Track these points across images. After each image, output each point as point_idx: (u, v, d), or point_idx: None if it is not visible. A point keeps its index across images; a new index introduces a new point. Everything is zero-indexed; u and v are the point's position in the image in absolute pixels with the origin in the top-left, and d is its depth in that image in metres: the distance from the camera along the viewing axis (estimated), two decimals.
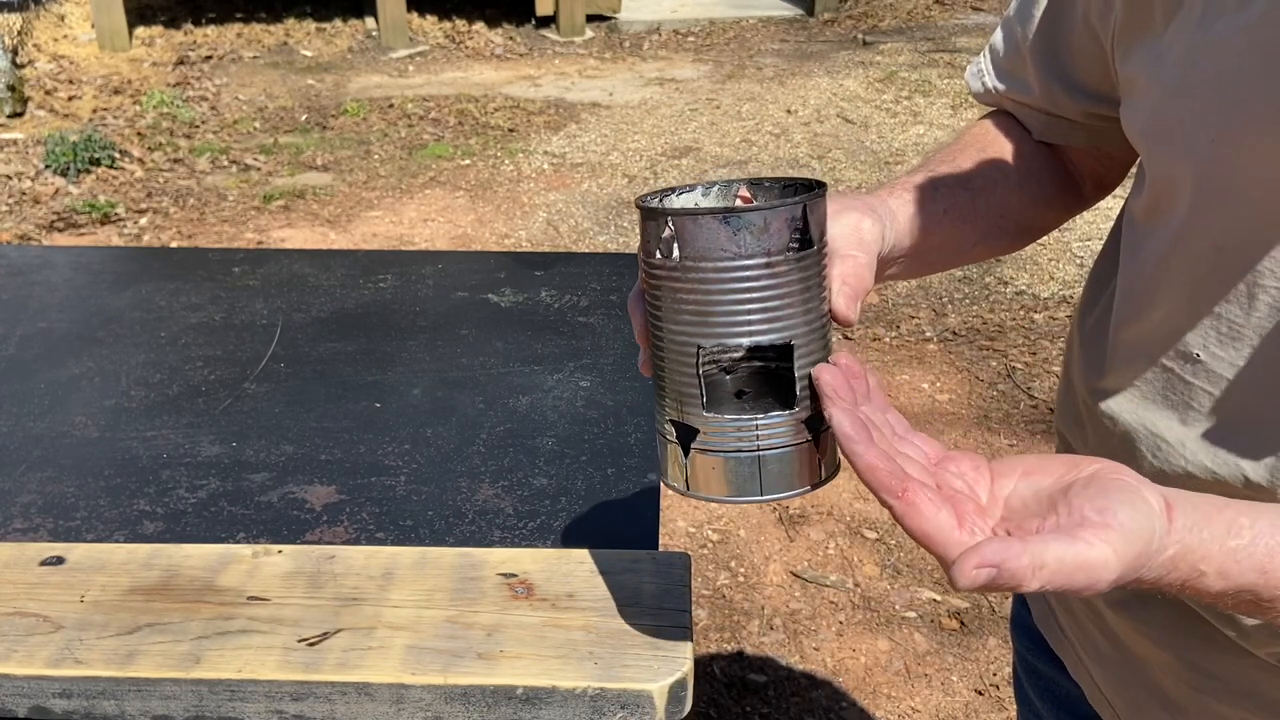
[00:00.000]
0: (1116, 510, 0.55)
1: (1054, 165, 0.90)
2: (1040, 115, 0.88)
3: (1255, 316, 0.65)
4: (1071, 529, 0.54)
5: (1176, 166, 0.68)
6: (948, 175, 0.85)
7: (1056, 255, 4.08)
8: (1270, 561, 0.57)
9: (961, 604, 2.43)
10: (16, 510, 0.98)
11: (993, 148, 0.88)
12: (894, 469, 0.57)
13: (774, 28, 7.50)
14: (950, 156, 0.88)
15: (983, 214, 0.85)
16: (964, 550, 0.53)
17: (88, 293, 1.41)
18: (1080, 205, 0.93)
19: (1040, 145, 0.90)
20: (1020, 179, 0.88)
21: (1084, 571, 0.53)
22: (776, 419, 0.65)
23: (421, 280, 1.45)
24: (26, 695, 0.78)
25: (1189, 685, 0.77)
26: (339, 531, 0.96)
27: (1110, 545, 0.54)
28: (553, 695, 0.77)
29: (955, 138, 0.93)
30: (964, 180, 0.85)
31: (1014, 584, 0.53)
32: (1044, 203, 0.90)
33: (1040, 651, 0.97)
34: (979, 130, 0.91)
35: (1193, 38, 0.66)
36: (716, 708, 2.18)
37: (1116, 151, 0.88)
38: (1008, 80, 0.89)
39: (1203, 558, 0.57)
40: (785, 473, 0.67)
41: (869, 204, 0.75)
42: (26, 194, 4.56)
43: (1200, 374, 0.68)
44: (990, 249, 0.89)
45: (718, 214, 0.61)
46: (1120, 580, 0.55)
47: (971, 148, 0.89)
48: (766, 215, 0.61)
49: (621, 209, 4.54)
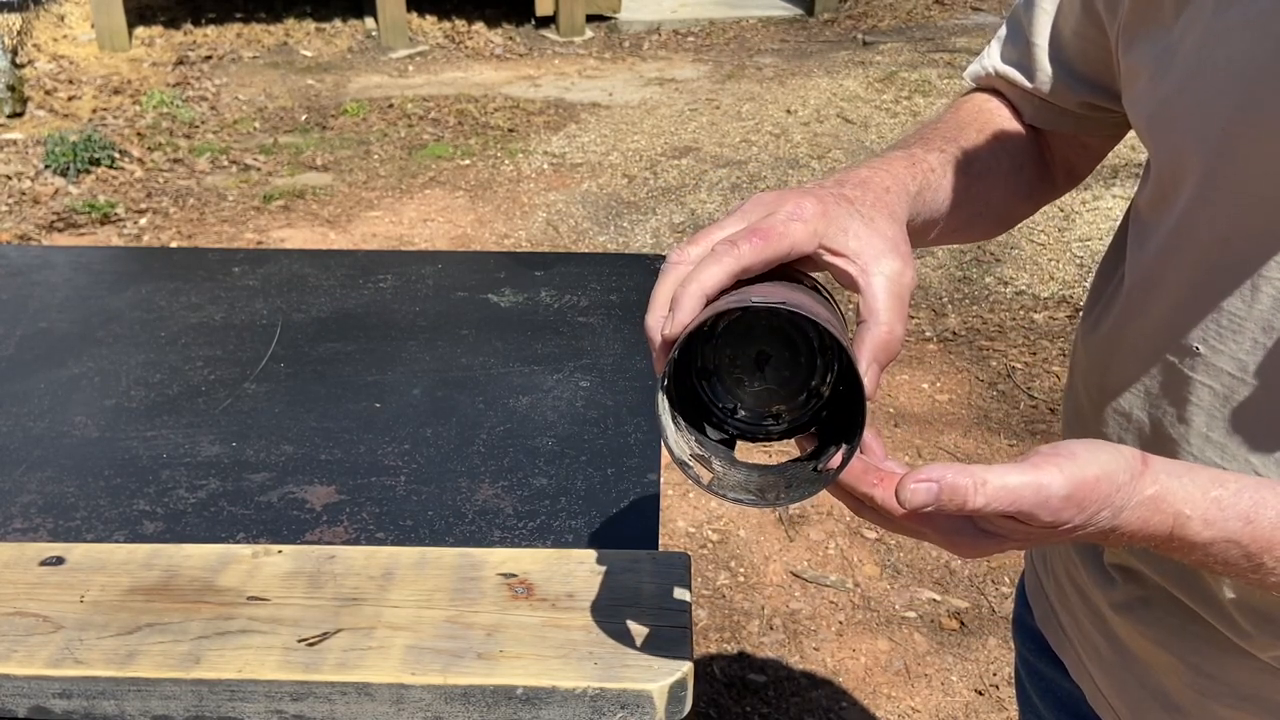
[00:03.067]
0: (1072, 446, 0.57)
1: (1035, 154, 0.90)
2: (1034, 99, 0.88)
3: (1258, 309, 0.65)
4: (1021, 460, 0.56)
5: (1185, 155, 0.68)
6: (954, 158, 0.81)
7: (1056, 255, 4.08)
8: (1255, 511, 0.57)
9: (961, 604, 2.43)
10: (16, 510, 0.98)
11: (991, 132, 0.87)
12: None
13: (774, 28, 7.50)
14: (954, 134, 0.84)
15: (972, 201, 0.82)
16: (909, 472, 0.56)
17: (88, 293, 1.41)
18: (1051, 195, 0.93)
19: (1028, 133, 0.90)
20: (1009, 170, 0.87)
21: (1030, 489, 0.54)
22: (797, 468, 0.65)
23: (421, 280, 1.45)
24: (26, 695, 0.78)
25: (1191, 688, 0.77)
26: (339, 531, 0.96)
27: (1058, 468, 0.55)
28: (553, 695, 0.76)
29: (953, 108, 0.90)
30: (965, 165, 0.82)
31: (958, 499, 0.54)
32: (1023, 195, 0.90)
33: (1042, 653, 0.97)
34: (977, 109, 0.89)
35: (1207, 26, 0.66)
36: (716, 708, 2.18)
37: (1094, 142, 0.89)
38: (1010, 65, 0.89)
39: (1185, 500, 0.57)
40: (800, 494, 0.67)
41: (903, 227, 0.69)
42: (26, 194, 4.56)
43: (1200, 368, 0.68)
44: (958, 237, 0.86)
45: (758, 499, 0.61)
46: (1083, 506, 0.55)
47: (972, 128, 0.86)
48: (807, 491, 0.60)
49: (622, 209, 4.54)
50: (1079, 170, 0.93)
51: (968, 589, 2.48)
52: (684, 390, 0.66)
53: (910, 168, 0.74)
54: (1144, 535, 0.58)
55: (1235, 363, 0.66)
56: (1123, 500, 0.56)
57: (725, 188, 4.72)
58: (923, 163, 0.76)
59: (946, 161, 0.79)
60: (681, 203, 4.58)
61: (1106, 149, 0.91)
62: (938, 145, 0.81)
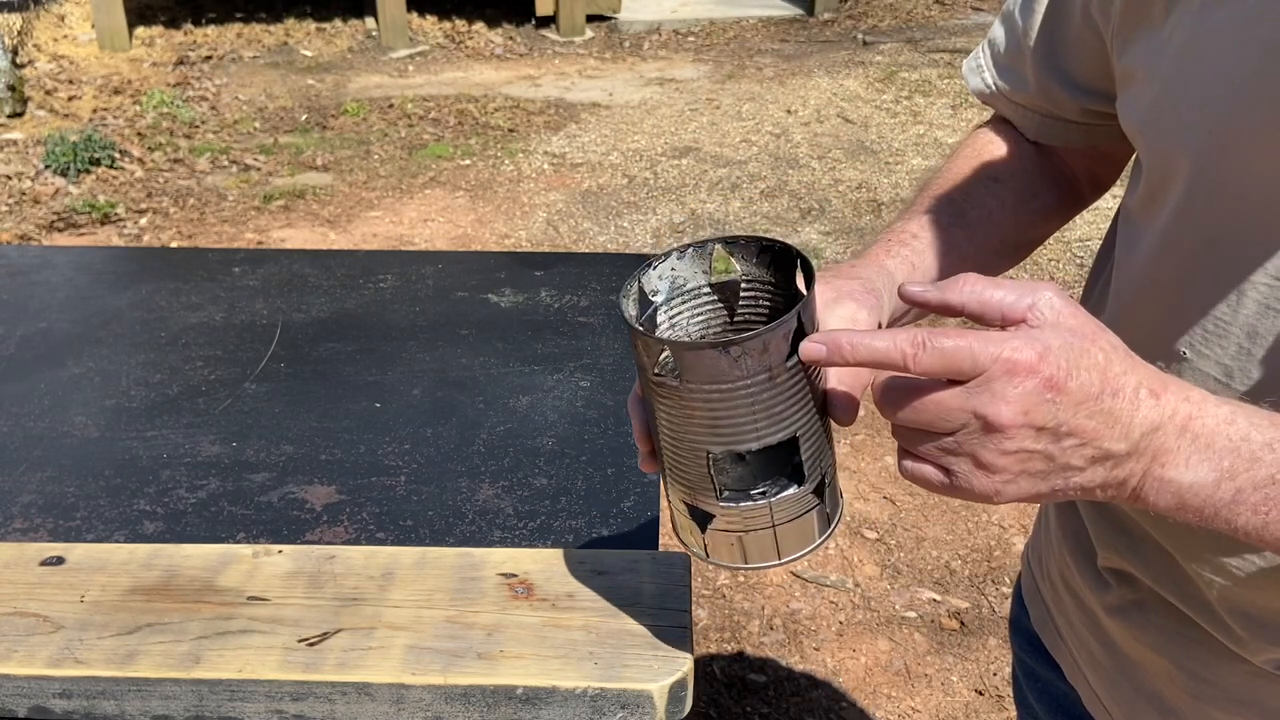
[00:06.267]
0: None
1: (1051, 174, 0.90)
2: (1036, 115, 0.88)
3: (1243, 314, 0.64)
4: None
5: (1173, 158, 0.68)
6: (944, 215, 0.84)
7: (1056, 255, 4.08)
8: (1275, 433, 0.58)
9: (961, 604, 2.43)
10: (16, 510, 0.98)
11: (989, 171, 0.88)
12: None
13: (774, 28, 7.50)
14: (945, 187, 0.87)
15: (979, 247, 0.85)
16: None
17: (88, 293, 1.41)
18: (1079, 206, 0.93)
19: (1037, 154, 0.90)
20: (1017, 202, 0.88)
21: (1002, 287, 0.58)
22: (788, 496, 0.66)
23: (421, 280, 1.45)
24: (26, 695, 0.78)
25: (1186, 692, 0.77)
26: (339, 531, 0.96)
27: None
28: (553, 695, 0.77)
29: (952, 156, 0.92)
30: (959, 215, 0.85)
31: (940, 297, 0.59)
32: (1042, 217, 0.90)
33: (1038, 655, 0.97)
34: (975, 150, 0.91)
35: (1193, 28, 0.66)
36: (716, 708, 2.18)
37: (1112, 149, 0.88)
38: (1006, 75, 0.89)
39: (1200, 410, 0.58)
40: (799, 536, 0.68)
41: (865, 281, 0.74)
42: (26, 194, 4.56)
43: (1186, 373, 0.68)
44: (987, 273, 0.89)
45: (718, 346, 0.60)
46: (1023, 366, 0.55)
47: (966, 174, 0.88)
48: (765, 339, 0.60)
49: (622, 209, 4.54)
50: (1104, 179, 0.93)
51: (968, 589, 2.48)
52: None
53: (886, 248, 0.82)
54: (1155, 431, 0.57)
55: (1220, 368, 0.66)
56: (1130, 371, 0.58)
57: (725, 188, 4.72)
58: (901, 234, 0.83)
59: (934, 221, 0.84)
60: (681, 203, 4.58)
61: (1128, 154, 0.89)
62: (921, 210, 0.86)
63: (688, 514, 0.69)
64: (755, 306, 0.70)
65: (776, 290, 0.69)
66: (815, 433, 0.65)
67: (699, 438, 0.64)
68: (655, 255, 0.70)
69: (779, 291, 0.69)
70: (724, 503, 0.66)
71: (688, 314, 0.71)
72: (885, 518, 2.69)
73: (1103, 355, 0.57)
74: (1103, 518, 0.81)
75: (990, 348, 0.55)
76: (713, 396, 0.61)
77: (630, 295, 0.66)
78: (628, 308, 0.66)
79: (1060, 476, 0.57)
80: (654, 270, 0.69)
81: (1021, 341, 0.55)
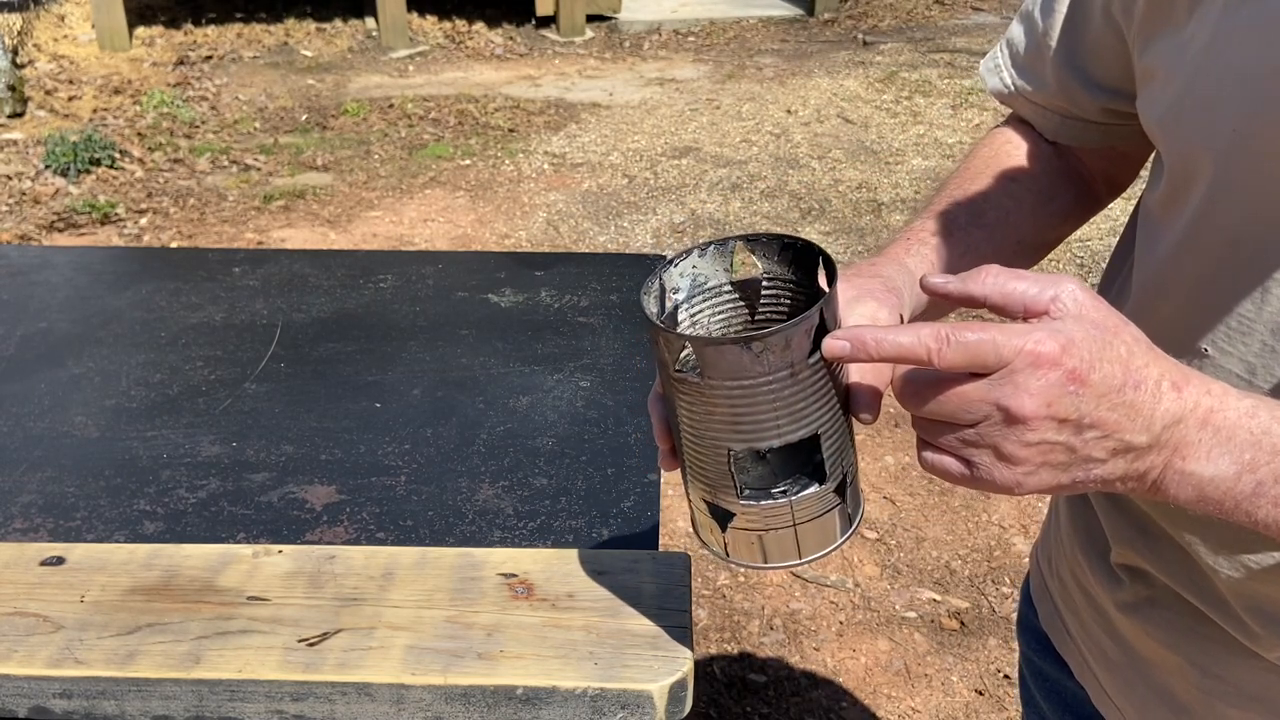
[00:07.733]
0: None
1: (1069, 175, 0.90)
2: (1055, 115, 0.88)
3: (1268, 311, 0.64)
4: None
5: (1195, 157, 0.68)
6: (962, 214, 0.85)
7: (1057, 255, 4.08)
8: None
9: (961, 604, 2.43)
10: (16, 510, 0.98)
11: (1007, 172, 0.88)
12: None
13: (774, 28, 7.50)
14: (963, 187, 0.87)
15: (998, 247, 0.85)
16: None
17: (88, 293, 1.41)
18: (1096, 208, 0.93)
19: (1055, 155, 0.90)
20: (1035, 203, 0.88)
21: (1024, 279, 0.58)
22: (809, 495, 0.66)
23: (421, 280, 1.45)
24: (26, 695, 0.78)
25: (1198, 688, 0.77)
26: (339, 531, 0.96)
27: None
28: (553, 695, 0.77)
29: (970, 156, 0.92)
30: (977, 215, 0.85)
31: (962, 289, 0.60)
32: (1059, 219, 0.90)
33: (1046, 653, 0.97)
34: (993, 150, 0.91)
35: (1216, 27, 0.66)
36: (716, 708, 2.18)
37: (1130, 149, 0.88)
38: (1025, 75, 0.88)
39: (1221, 404, 0.58)
40: (820, 536, 0.68)
41: (885, 279, 0.74)
42: (26, 194, 4.56)
43: (1209, 370, 0.68)
44: None
45: (740, 341, 0.60)
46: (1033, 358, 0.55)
47: (984, 174, 0.88)
48: (788, 334, 0.60)
49: (622, 209, 4.54)
50: (1120, 180, 0.93)
51: (968, 589, 2.48)
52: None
53: (905, 246, 0.82)
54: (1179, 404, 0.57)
55: (1244, 365, 0.66)
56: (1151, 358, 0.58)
57: (725, 188, 4.72)
58: (920, 232, 0.83)
59: (952, 223, 0.84)
60: (682, 203, 4.58)
61: (1146, 155, 0.89)
62: (940, 210, 0.86)
63: (708, 512, 0.69)
64: (777, 304, 0.70)
65: (798, 288, 0.69)
66: (837, 431, 0.65)
67: (720, 435, 0.63)
68: (676, 253, 0.70)
69: (800, 290, 0.69)
70: (745, 501, 0.66)
71: (709, 312, 0.71)
72: (885, 518, 2.69)
73: (1125, 348, 0.57)
74: (1118, 513, 0.81)
75: (1014, 340, 0.55)
76: (734, 393, 0.61)
77: (651, 292, 0.66)
78: (649, 305, 0.66)
79: (1081, 468, 0.57)
80: (675, 268, 0.69)
81: (1045, 334, 0.55)
